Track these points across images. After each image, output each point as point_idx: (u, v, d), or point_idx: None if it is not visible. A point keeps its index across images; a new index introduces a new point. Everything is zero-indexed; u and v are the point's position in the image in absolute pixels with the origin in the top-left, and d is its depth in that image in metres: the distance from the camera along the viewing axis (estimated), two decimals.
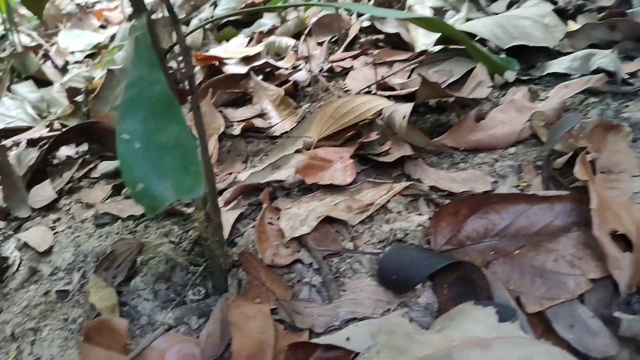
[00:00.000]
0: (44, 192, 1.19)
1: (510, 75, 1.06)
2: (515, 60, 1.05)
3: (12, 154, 1.32)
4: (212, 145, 1.12)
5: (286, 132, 1.14)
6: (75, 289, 0.88)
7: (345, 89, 1.24)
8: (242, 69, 1.42)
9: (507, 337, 0.54)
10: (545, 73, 1.09)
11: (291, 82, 1.30)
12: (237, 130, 1.17)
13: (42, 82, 1.90)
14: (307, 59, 1.41)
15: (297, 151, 1.00)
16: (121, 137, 0.54)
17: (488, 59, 0.99)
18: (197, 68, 1.55)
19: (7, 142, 1.46)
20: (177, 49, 0.66)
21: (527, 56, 1.14)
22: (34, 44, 2.28)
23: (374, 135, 0.98)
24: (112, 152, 1.32)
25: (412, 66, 1.23)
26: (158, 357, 0.69)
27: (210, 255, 0.77)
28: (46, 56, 2.10)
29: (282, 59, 1.57)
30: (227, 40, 1.84)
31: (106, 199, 1.11)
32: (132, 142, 0.54)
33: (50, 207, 1.15)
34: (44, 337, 0.81)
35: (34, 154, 1.32)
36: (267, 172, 0.95)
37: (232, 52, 1.58)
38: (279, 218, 0.85)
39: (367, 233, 0.81)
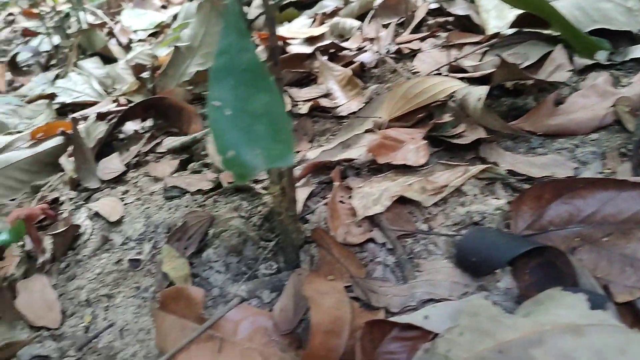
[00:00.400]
0: (112, 164, 1.22)
1: (602, 56, 1.02)
2: (607, 41, 1.00)
3: (81, 127, 1.35)
4: None
5: (353, 113, 1.13)
6: (147, 259, 0.89)
7: (414, 70, 1.22)
8: (307, 49, 1.41)
9: (601, 324, 0.53)
10: (627, 59, 1.04)
11: (357, 63, 1.29)
12: (303, 109, 1.17)
13: (107, 58, 1.95)
14: (373, 40, 1.39)
15: (367, 131, 0.99)
16: (212, 104, 0.54)
17: (580, 36, 0.96)
18: (261, 47, 1.55)
19: (76, 116, 1.50)
20: (261, 20, 0.66)
21: (608, 41, 1.09)
22: (98, 22, 2.34)
23: (446, 117, 0.96)
24: (177, 128, 1.34)
25: (484, 49, 1.19)
26: (232, 327, 0.70)
27: (282, 230, 0.77)
28: (111, 34, 2.15)
29: (346, 40, 1.55)
30: (289, 21, 1.84)
31: (173, 173, 1.12)
32: (222, 109, 0.54)
33: (119, 179, 1.18)
34: (117, 303, 0.83)
35: (102, 127, 1.35)
36: (338, 151, 0.95)
37: (296, 32, 1.57)
38: (350, 197, 0.84)
39: (442, 215, 0.79)
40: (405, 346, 0.62)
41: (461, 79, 1.05)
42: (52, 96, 1.74)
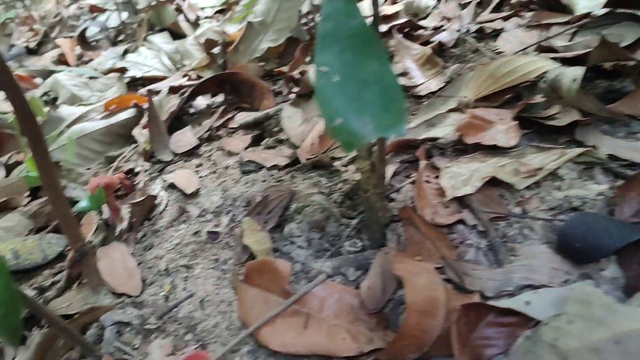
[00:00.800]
0: (185, 137, 1.22)
1: None
2: None
3: (154, 100, 1.36)
4: None
5: (433, 92, 1.10)
6: (225, 232, 0.89)
7: (497, 50, 1.17)
8: (381, 27, 1.38)
9: None
10: None
11: (435, 43, 1.25)
12: None
13: (176, 34, 1.97)
14: (451, 19, 1.35)
15: (452, 110, 0.95)
16: (319, 70, 0.52)
17: None
18: None
19: (150, 89, 1.52)
20: None
21: None
22: None
23: (538, 98, 0.92)
24: (248, 104, 1.34)
25: (574, 29, 1.14)
26: (318, 303, 0.69)
27: (367, 207, 0.75)
28: (179, 10, 2.17)
29: (421, 19, 1.51)
30: (359, 0, 1.81)
31: (247, 149, 1.12)
32: (329, 76, 0.52)
33: (191, 153, 1.19)
34: (196, 274, 0.83)
35: (174, 100, 1.36)
36: (421, 130, 0.92)
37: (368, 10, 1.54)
38: (437, 177, 0.82)
39: (536, 199, 0.75)
40: (502, 332, 0.60)
41: (552, 59, 1.00)
42: (122, 70, 1.77)
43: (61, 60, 2.23)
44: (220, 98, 1.42)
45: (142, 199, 0.96)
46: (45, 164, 0.68)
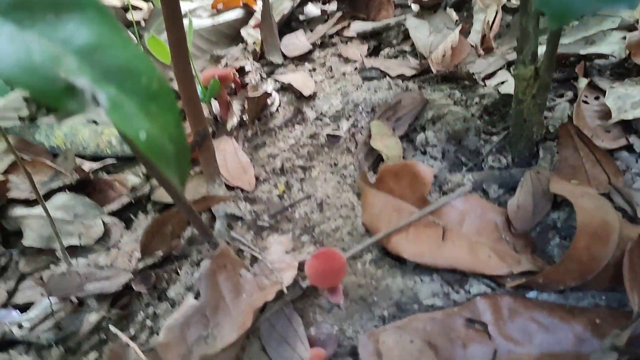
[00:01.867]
0: (297, 41, 1.17)
1: None
2: None
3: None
4: (493, 16, 1.00)
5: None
6: (346, 136, 0.84)
7: None
8: None
9: None
10: None
11: None
12: None
13: None
14: None
15: (617, 29, 0.84)
16: None
17: None
18: None
19: None
20: None
21: None
22: None
23: None
24: (364, 14, 1.26)
25: None
26: (457, 216, 0.63)
27: (518, 121, 0.67)
28: None
29: None
30: None
31: (365, 56, 1.05)
32: None
33: (304, 57, 1.13)
34: (314, 176, 0.79)
35: (287, 3, 1.29)
36: (580, 46, 0.82)
37: None
38: (597, 98, 0.72)
39: None
40: None
41: None
42: None
43: None
44: (333, 6, 1.34)
45: (257, 94, 0.91)
46: (177, 31, 0.64)
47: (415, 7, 1.18)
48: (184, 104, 0.70)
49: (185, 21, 1.17)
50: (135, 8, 1.64)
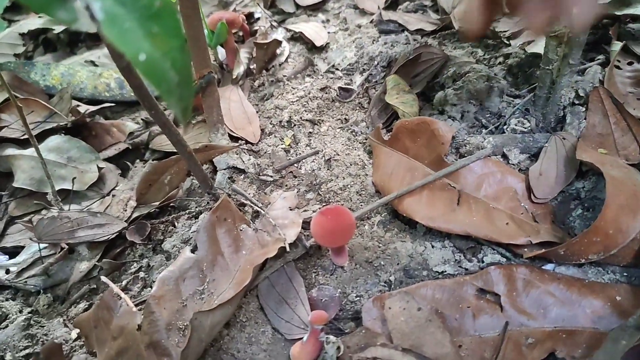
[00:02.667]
0: None
1: None
2: None
3: None
4: None
5: None
6: (359, 91, 0.80)
7: None
8: None
9: None
10: None
11: None
12: None
13: None
14: None
15: None
16: None
17: None
18: None
19: None
20: None
21: None
22: None
23: None
24: None
25: None
26: (474, 180, 0.60)
27: (544, 82, 0.64)
28: None
29: None
30: None
31: (383, 9, 1.00)
32: None
33: (317, 7, 1.08)
34: (323, 131, 0.75)
35: None
36: (615, 7, 0.77)
37: None
38: (630, 63, 0.68)
39: None
40: None
41: None
42: None
43: None
44: None
45: (266, 42, 0.87)
46: None
47: None
48: (189, 44, 0.66)
49: None
50: None
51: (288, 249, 0.54)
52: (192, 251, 0.55)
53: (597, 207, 0.57)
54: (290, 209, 0.61)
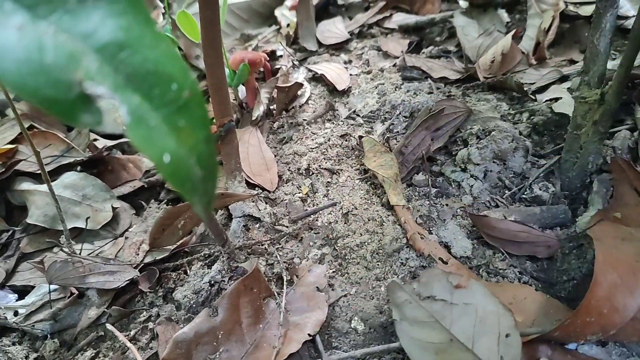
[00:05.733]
0: (334, 28, 1.11)
1: None
2: None
3: None
4: (549, 23, 0.94)
5: None
6: (380, 140, 0.79)
7: None
8: None
9: None
10: None
11: None
12: (581, 11, 0.97)
13: None
14: None
15: None
16: None
17: None
18: None
19: None
20: None
21: None
22: None
23: None
24: (406, 4, 1.20)
25: None
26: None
27: (573, 147, 0.62)
28: None
29: None
30: None
31: (406, 52, 0.99)
32: None
33: (340, 47, 1.08)
34: (342, 182, 0.75)
35: None
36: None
37: None
38: None
39: None
40: None
41: None
42: None
43: None
44: None
45: (289, 84, 0.87)
46: (211, 11, 0.59)
47: (463, 4, 1.12)
48: (210, 90, 0.66)
49: None
50: None
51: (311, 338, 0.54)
52: (211, 314, 0.54)
53: None
54: (319, 290, 0.60)
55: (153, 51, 0.27)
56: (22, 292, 0.72)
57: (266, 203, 0.73)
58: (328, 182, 0.75)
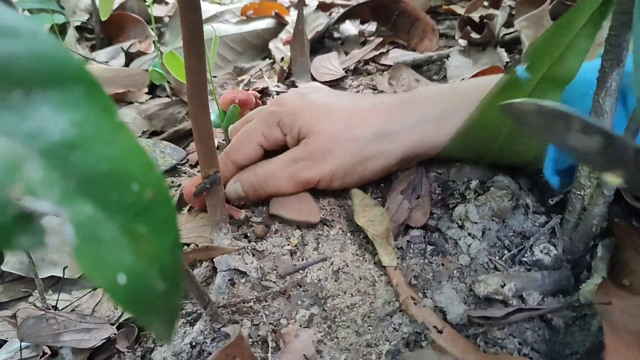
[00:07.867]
0: (329, 64, 1.09)
1: None
2: None
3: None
4: None
5: None
6: (373, 189, 0.76)
7: None
8: None
9: None
10: None
11: None
12: None
13: None
14: None
15: None
16: None
17: None
18: None
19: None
20: None
21: None
22: None
23: None
24: (404, 40, 1.18)
25: None
26: None
27: (575, 208, 0.60)
28: None
29: None
30: None
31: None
32: None
33: (335, 84, 1.05)
34: (332, 235, 0.71)
35: (322, 19, 1.22)
36: None
37: None
38: None
39: None
40: None
41: None
42: None
43: None
44: (371, 27, 1.26)
45: None
46: (197, 60, 0.56)
47: (462, 42, 1.09)
48: (195, 141, 0.63)
49: (207, 27, 1.09)
50: (160, 0, 1.57)
51: None
52: None
53: None
54: (306, 358, 0.56)
55: (110, 147, 0.24)
56: None
57: (253, 256, 0.70)
58: (319, 234, 0.72)
